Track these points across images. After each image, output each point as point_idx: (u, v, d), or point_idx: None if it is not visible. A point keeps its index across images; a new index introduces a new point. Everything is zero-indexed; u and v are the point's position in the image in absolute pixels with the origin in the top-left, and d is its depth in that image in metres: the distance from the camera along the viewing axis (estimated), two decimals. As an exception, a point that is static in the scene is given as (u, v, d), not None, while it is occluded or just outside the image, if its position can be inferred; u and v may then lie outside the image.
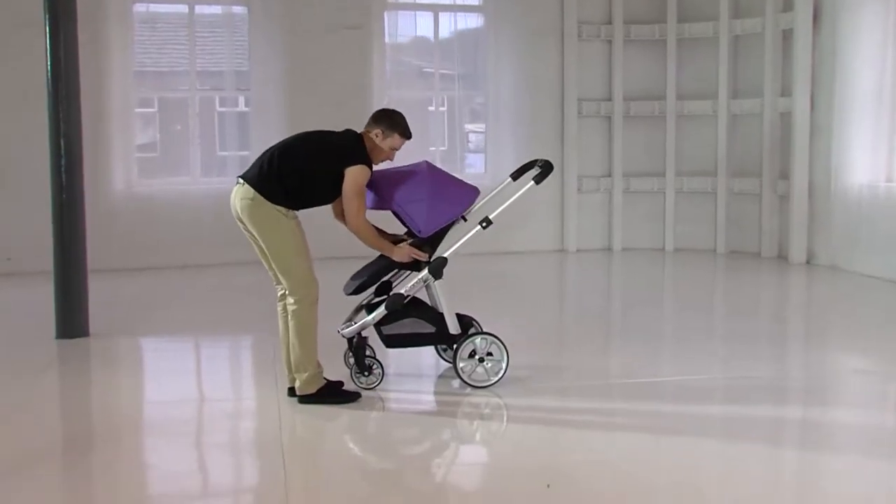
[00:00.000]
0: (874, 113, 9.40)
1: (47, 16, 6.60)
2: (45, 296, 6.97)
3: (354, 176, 5.16)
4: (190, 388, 5.73)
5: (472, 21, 11.55)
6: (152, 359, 6.52)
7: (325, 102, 10.74)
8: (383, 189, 5.39)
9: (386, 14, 11.13)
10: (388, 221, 5.54)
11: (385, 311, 5.42)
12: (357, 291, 5.51)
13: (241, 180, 5.25)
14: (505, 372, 5.53)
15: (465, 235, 5.53)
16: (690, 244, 11.58)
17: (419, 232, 5.42)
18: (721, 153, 11.23)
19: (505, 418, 5.31)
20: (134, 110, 10.56)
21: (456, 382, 5.55)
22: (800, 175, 10.32)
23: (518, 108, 11.44)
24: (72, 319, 6.78)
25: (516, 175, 5.91)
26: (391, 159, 5.47)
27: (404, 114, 5.50)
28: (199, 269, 10.18)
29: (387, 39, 11.15)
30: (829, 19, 10.04)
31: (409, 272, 5.56)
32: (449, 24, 11.42)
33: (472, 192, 5.55)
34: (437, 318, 5.53)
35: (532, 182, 5.61)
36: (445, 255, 5.49)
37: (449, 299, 5.50)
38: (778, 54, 10.65)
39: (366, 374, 5.47)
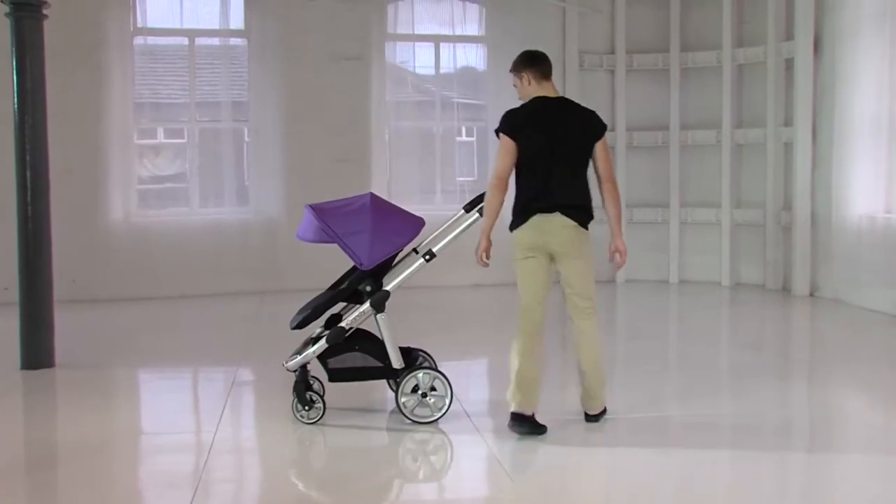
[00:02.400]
0: (873, 143, 9.16)
1: (13, 49, 6.68)
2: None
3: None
4: (131, 421, 5.64)
5: (473, 51, 11.49)
6: (108, 391, 6.42)
7: (324, 132, 10.77)
8: (326, 221, 5.33)
9: (386, 45, 11.15)
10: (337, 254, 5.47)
11: (326, 345, 5.37)
12: (301, 325, 5.44)
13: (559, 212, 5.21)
14: (448, 408, 5.41)
15: (408, 270, 5.47)
16: (695, 276, 11.37)
17: (361, 265, 5.35)
18: (725, 184, 11.03)
19: (449, 455, 5.20)
20: (134, 141, 10.63)
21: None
22: (802, 206, 10.11)
23: (520, 139, 11.31)
24: (36, 350, 6.79)
25: (469, 206, 5.80)
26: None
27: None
28: (197, 300, 10.19)
29: (387, 70, 11.14)
30: (829, 48, 9.85)
31: (354, 305, 5.50)
32: (450, 55, 11.37)
33: (416, 224, 5.47)
34: (382, 352, 5.45)
35: (477, 214, 5.51)
36: (388, 288, 5.42)
37: (392, 333, 5.41)
38: (780, 83, 10.47)
39: (306, 408, 5.39)
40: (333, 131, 10.79)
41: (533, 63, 5.43)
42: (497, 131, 5.33)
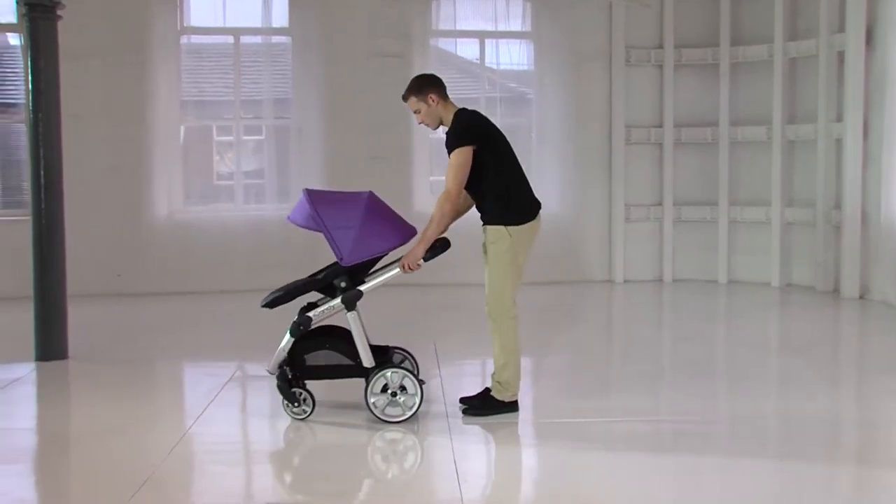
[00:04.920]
0: (922, 139, 8.75)
1: (28, 49, 6.88)
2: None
3: None
4: (115, 417, 5.66)
5: (517, 47, 11.37)
6: (111, 384, 6.45)
7: (365, 130, 10.79)
8: (317, 209, 5.28)
9: (431, 41, 11.12)
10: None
11: (290, 337, 5.38)
12: (270, 305, 5.46)
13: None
14: (419, 407, 5.36)
15: (386, 275, 5.46)
16: (744, 276, 11.04)
17: (341, 260, 5.32)
18: (776, 181, 10.67)
19: (420, 454, 5.15)
20: (180, 138, 10.85)
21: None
22: (851, 205, 9.71)
23: (564, 135, 11.18)
24: (50, 342, 6.98)
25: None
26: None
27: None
28: (235, 295, 10.27)
29: (431, 66, 11.09)
30: (881, 40, 9.43)
31: (327, 297, 5.49)
32: (493, 51, 11.27)
33: (405, 233, 5.40)
34: (354, 350, 5.43)
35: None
36: (362, 289, 5.39)
37: (362, 332, 5.39)
38: (833, 78, 10.06)
39: (295, 404, 5.41)
40: (375, 129, 10.80)
41: (436, 83, 5.52)
42: (464, 142, 5.30)
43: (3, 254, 9.98)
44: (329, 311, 5.41)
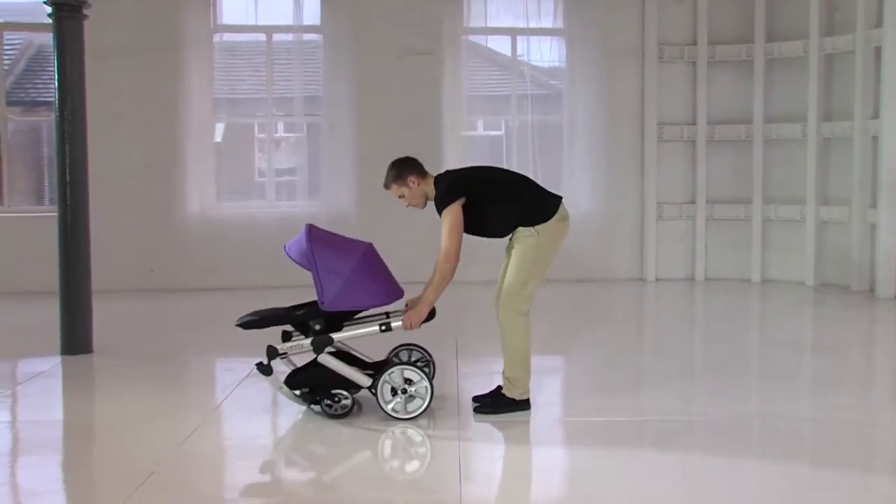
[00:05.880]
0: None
1: (56, 50, 6.98)
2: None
3: None
4: (132, 410, 5.71)
5: (549, 44, 11.32)
6: (131, 378, 6.54)
7: (396, 127, 10.79)
8: (313, 248, 5.26)
9: (462, 38, 11.10)
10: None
11: (265, 376, 5.46)
12: (244, 326, 5.48)
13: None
14: (432, 392, 5.36)
15: (361, 330, 5.48)
16: (778, 275, 10.89)
17: (322, 303, 5.31)
18: (811, 179, 10.51)
19: (426, 452, 5.14)
20: (213, 135, 10.97)
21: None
22: (887, 203, 9.53)
23: (596, 133, 11.12)
24: (75, 336, 7.09)
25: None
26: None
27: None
28: (266, 291, 10.28)
29: (462, 64, 11.09)
30: (918, 35, 9.25)
31: (300, 334, 5.51)
32: (525, 48, 11.24)
33: (393, 293, 5.43)
34: (339, 377, 5.44)
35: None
36: (334, 336, 5.41)
37: (340, 365, 5.41)
38: (870, 73, 9.89)
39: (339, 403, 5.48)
40: (405, 126, 10.80)
41: (413, 165, 5.51)
42: (450, 200, 5.28)
43: (50, 249, 10.15)
44: (297, 350, 5.43)
